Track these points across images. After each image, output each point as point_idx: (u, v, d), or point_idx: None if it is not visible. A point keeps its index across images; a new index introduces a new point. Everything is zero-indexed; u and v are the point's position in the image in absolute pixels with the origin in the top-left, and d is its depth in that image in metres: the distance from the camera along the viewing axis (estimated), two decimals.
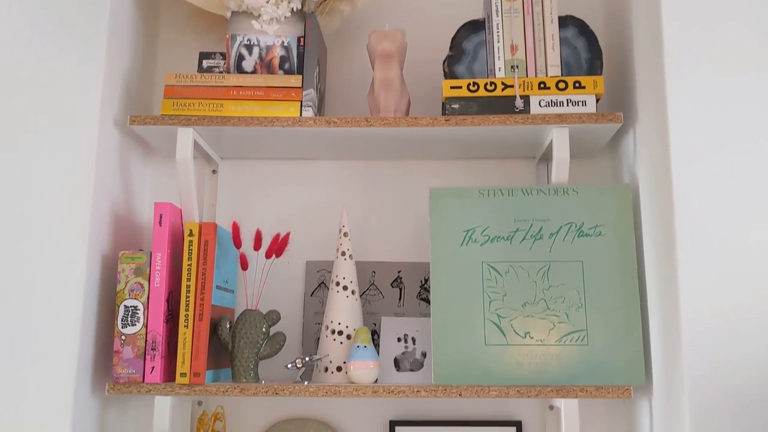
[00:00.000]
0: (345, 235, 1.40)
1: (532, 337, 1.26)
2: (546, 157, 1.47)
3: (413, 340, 1.41)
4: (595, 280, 1.27)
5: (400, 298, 1.48)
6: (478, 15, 1.45)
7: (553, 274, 1.28)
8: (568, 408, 1.22)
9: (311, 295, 1.49)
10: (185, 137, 1.34)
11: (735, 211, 1.11)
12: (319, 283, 1.50)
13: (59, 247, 1.26)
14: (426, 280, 1.48)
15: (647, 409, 1.28)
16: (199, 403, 1.45)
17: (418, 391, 1.25)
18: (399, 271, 1.49)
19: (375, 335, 1.44)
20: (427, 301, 1.46)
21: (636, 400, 1.34)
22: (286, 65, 1.39)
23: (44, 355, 1.22)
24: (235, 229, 1.33)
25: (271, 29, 1.39)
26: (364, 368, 1.29)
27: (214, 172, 1.54)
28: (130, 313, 1.28)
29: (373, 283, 1.49)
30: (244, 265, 1.34)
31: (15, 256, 1.25)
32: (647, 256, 1.26)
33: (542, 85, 1.33)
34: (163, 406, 1.25)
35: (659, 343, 1.21)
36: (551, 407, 1.40)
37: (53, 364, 1.22)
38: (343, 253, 1.40)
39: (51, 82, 1.31)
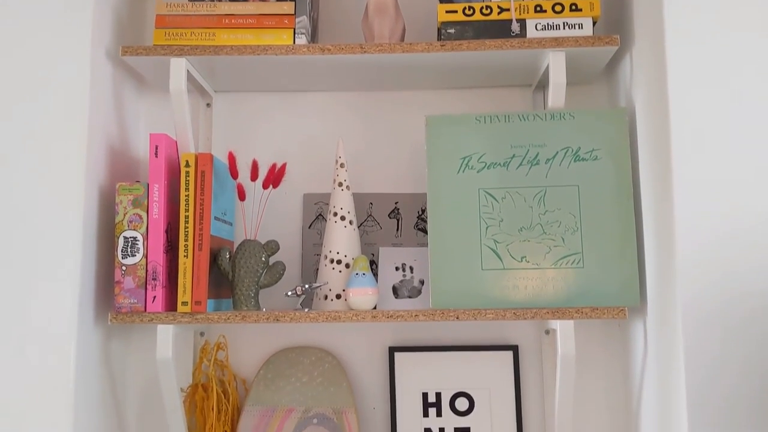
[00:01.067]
0: (341, 166, 1.40)
1: (528, 261, 1.28)
2: (542, 85, 1.46)
3: (411, 268, 1.43)
4: (591, 204, 1.28)
5: (397, 229, 1.49)
6: None
7: (550, 199, 1.29)
8: (563, 330, 1.25)
9: (309, 228, 1.50)
10: (178, 67, 1.32)
11: (732, 134, 1.11)
12: (316, 216, 1.50)
13: (56, 180, 1.26)
14: (423, 211, 1.49)
15: (641, 330, 1.30)
16: (201, 334, 1.47)
17: (416, 315, 1.27)
18: (396, 202, 1.50)
19: (373, 266, 1.46)
20: (425, 231, 1.47)
21: (630, 320, 1.37)
22: None
23: (46, 287, 1.23)
24: (231, 158, 1.33)
25: None
26: (362, 295, 1.31)
27: (208, 105, 1.53)
28: (129, 244, 1.29)
29: (370, 215, 1.50)
30: (242, 196, 1.35)
31: (12, 191, 1.25)
32: (643, 179, 1.27)
33: (538, 8, 1.31)
34: (165, 335, 1.27)
35: (654, 265, 1.23)
36: (547, 331, 1.43)
37: (55, 297, 1.23)
38: (340, 184, 1.40)
39: (40, 15, 1.29)
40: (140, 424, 1.46)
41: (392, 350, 1.44)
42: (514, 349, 1.43)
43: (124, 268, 1.28)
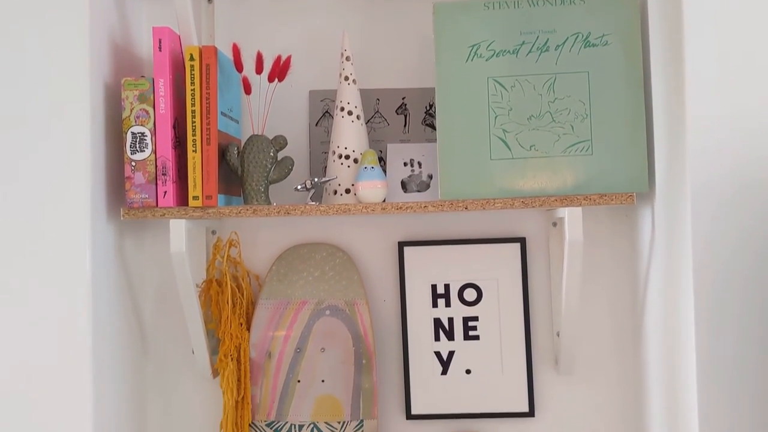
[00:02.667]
0: (347, 59, 1.38)
1: (537, 150, 1.28)
2: None
3: (419, 163, 1.43)
4: (601, 91, 1.27)
5: (405, 125, 1.49)
6: None
7: (559, 86, 1.27)
8: (571, 217, 1.26)
9: (316, 125, 1.49)
10: None
11: (745, 17, 1.08)
12: (323, 113, 1.49)
13: (61, 76, 1.24)
14: (431, 106, 1.47)
15: (649, 218, 1.31)
16: (213, 232, 1.49)
17: (425, 206, 1.28)
18: (403, 98, 1.48)
19: (381, 162, 1.46)
20: (433, 126, 1.47)
21: (638, 208, 1.38)
22: None
23: (57, 185, 1.24)
24: (236, 50, 1.31)
25: None
26: (372, 188, 1.32)
27: (209, 1, 1.50)
28: (137, 140, 1.29)
29: (377, 111, 1.49)
30: (247, 89, 1.34)
31: (16, 89, 1.24)
32: (654, 63, 1.25)
33: None
34: (178, 229, 1.29)
35: (663, 151, 1.22)
36: (554, 223, 1.44)
37: (67, 194, 1.24)
38: (347, 78, 1.38)
39: None
40: (157, 319, 1.51)
41: (401, 245, 1.47)
42: (522, 241, 1.45)
43: (133, 163, 1.29)
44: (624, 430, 1.44)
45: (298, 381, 1.43)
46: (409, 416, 1.46)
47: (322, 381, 1.43)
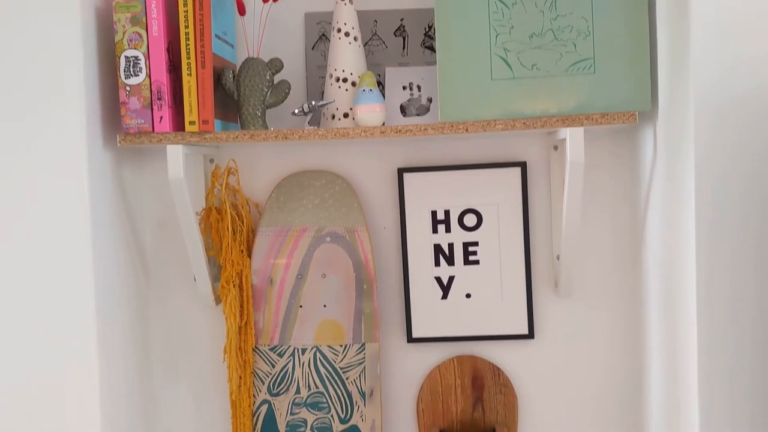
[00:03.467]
0: None
1: (538, 69, 1.25)
2: None
3: (418, 87, 1.40)
4: (603, 7, 1.23)
5: (403, 48, 1.45)
6: None
7: (561, 3, 1.24)
8: (572, 138, 1.24)
9: (312, 49, 1.46)
10: None
11: None
12: (320, 36, 1.46)
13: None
14: (430, 27, 1.44)
15: (651, 138, 1.30)
16: (211, 161, 1.48)
17: (425, 129, 1.27)
18: (402, 19, 1.45)
19: (380, 86, 1.44)
20: (432, 49, 1.44)
21: (640, 128, 1.36)
22: None
23: (51, 111, 1.22)
24: None
25: None
26: (370, 111, 1.30)
27: None
28: (131, 64, 1.26)
29: (375, 33, 1.45)
30: (241, 10, 1.30)
31: (3, 15, 1.21)
32: None
33: None
34: (175, 155, 1.27)
35: (667, 69, 1.20)
36: (555, 147, 1.43)
37: (61, 122, 1.23)
38: None
39: None
40: (158, 249, 1.51)
41: (401, 171, 1.45)
42: (522, 165, 1.44)
43: (128, 88, 1.27)
44: (623, 352, 1.46)
45: (300, 306, 1.44)
46: (410, 340, 1.48)
47: (324, 306, 1.44)
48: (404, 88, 1.41)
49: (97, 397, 1.26)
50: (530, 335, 1.46)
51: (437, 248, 1.46)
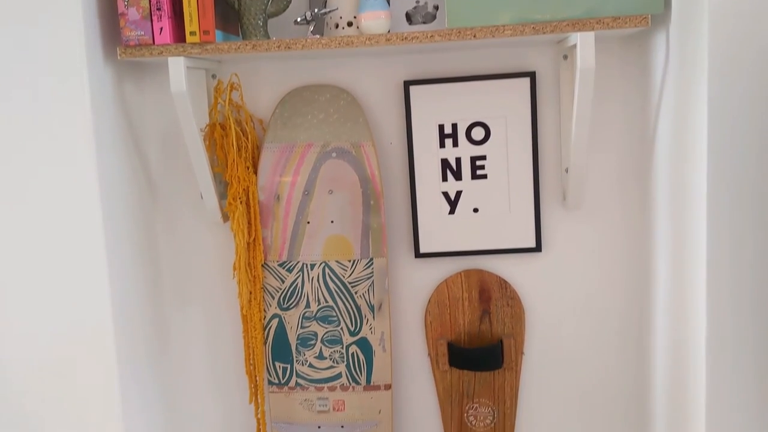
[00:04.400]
0: None
1: None
2: None
3: None
4: None
5: None
6: None
7: None
8: (583, 43, 1.21)
9: None
10: None
11: None
12: None
13: None
14: None
15: (663, 43, 1.26)
16: (213, 76, 1.45)
17: (431, 36, 1.24)
18: None
19: None
20: None
21: (652, 32, 1.32)
22: None
23: (50, 25, 1.20)
24: None
25: None
26: (375, 18, 1.26)
27: None
28: None
29: None
30: None
31: None
32: None
33: None
34: (177, 67, 1.25)
35: None
36: (565, 56, 1.39)
37: (60, 34, 1.20)
38: None
39: None
40: (164, 167, 1.50)
41: (407, 84, 1.43)
42: (531, 75, 1.41)
43: None
44: (630, 264, 1.46)
45: (308, 222, 1.44)
46: (418, 255, 1.48)
47: (331, 222, 1.44)
48: None
49: (110, 319, 1.28)
50: (537, 248, 1.46)
51: (444, 163, 1.45)
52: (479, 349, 1.46)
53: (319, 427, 1.49)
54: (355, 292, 1.45)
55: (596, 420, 1.51)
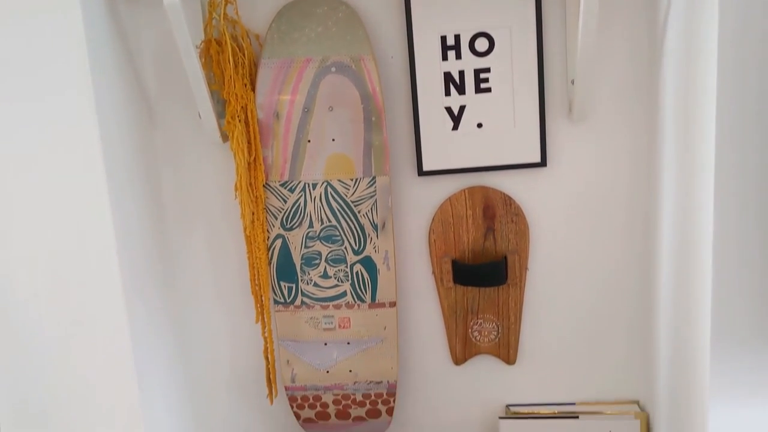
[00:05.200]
0: None
1: None
2: None
3: None
4: None
5: None
6: None
7: None
8: None
9: None
10: None
11: None
12: None
13: None
14: None
15: None
16: None
17: None
18: None
19: None
20: None
21: None
22: None
23: None
24: None
25: None
26: None
27: None
28: None
29: None
30: None
31: None
32: None
33: None
34: None
35: None
36: None
37: None
38: None
39: None
40: (161, 88, 1.47)
41: None
42: None
43: None
44: (636, 178, 1.44)
45: (308, 141, 1.42)
46: (421, 173, 1.46)
47: (333, 140, 1.42)
48: None
49: (113, 243, 1.28)
50: (542, 163, 1.44)
51: (447, 76, 1.41)
52: (484, 265, 1.46)
53: (325, 344, 1.51)
54: (358, 211, 1.44)
55: (601, 333, 1.52)
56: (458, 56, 1.40)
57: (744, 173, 1.06)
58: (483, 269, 1.46)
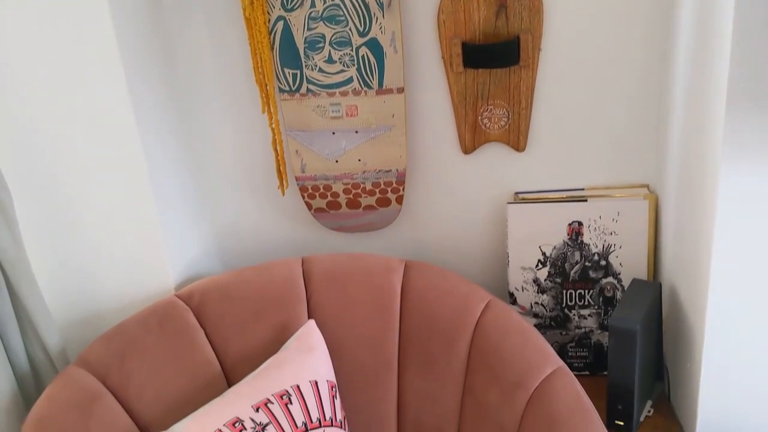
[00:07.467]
0: None
1: None
2: None
3: None
4: None
5: None
6: None
7: None
8: None
9: None
10: None
11: None
12: None
13: None
14: None
15: None
16: None
17: None
18: None
19: None
20: None
21: None
22: None
23: None
24: None
25: None
26: None
27: None
28: None
29: None
30: None
31: None
32: None
33: None
34: None
35: None
36: None
37: None
38: None
39: None
40: None
41: None
42: None
43: None
44: None
45: None
46: None
47: None
48: None
49: (112, 33, 1.23)
50: None
51: None
52: (495, 45, 1.40)
53: (333, 132, 1.50)
54: None
55: (613, 117, 1.49)
56: None
57: None
58: (494, 48, 1.40)
